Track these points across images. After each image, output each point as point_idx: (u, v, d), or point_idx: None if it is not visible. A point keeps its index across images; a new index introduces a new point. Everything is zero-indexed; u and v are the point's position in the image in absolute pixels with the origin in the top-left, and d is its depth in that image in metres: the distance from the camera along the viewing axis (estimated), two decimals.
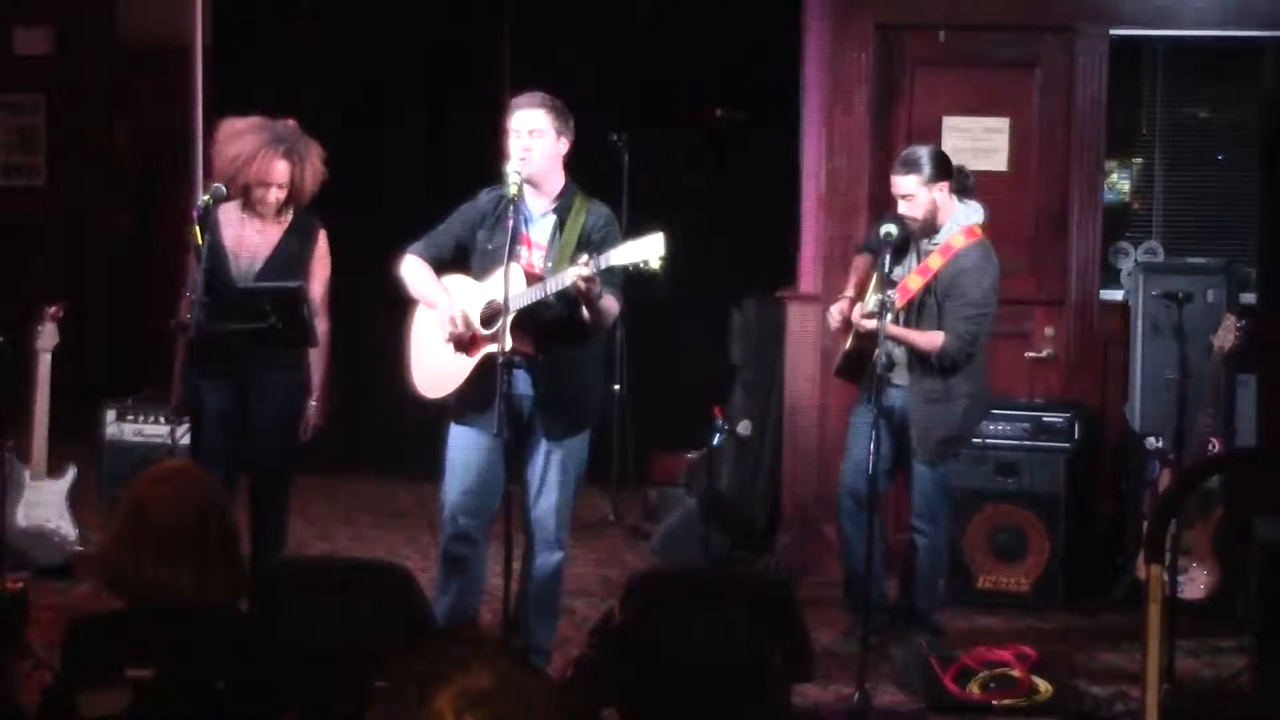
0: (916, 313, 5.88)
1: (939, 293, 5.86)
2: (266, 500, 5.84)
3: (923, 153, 5.98)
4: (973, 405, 6.02)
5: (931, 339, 5.86)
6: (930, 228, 5.94)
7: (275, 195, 5.80)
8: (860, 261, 6.26)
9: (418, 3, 8.91)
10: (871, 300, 5.91)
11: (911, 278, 5.92)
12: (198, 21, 7.93)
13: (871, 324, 5.78)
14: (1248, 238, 7.35)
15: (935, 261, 5.89)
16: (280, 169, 5.77)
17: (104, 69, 10.46)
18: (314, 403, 5.95)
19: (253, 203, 5.80)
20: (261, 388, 5.79)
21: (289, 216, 5.91)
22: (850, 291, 6.14)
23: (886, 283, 5.89)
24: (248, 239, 5.82)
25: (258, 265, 5.83)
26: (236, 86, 7.92)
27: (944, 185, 5.92)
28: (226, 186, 5.74)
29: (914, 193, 5.88)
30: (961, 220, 5.96)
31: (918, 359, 5.90)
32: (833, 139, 7.37)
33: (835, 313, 6.11)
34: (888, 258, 5.89)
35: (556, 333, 5.28)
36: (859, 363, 6.00)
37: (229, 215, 5.81)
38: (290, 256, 5.87)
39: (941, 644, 6.00)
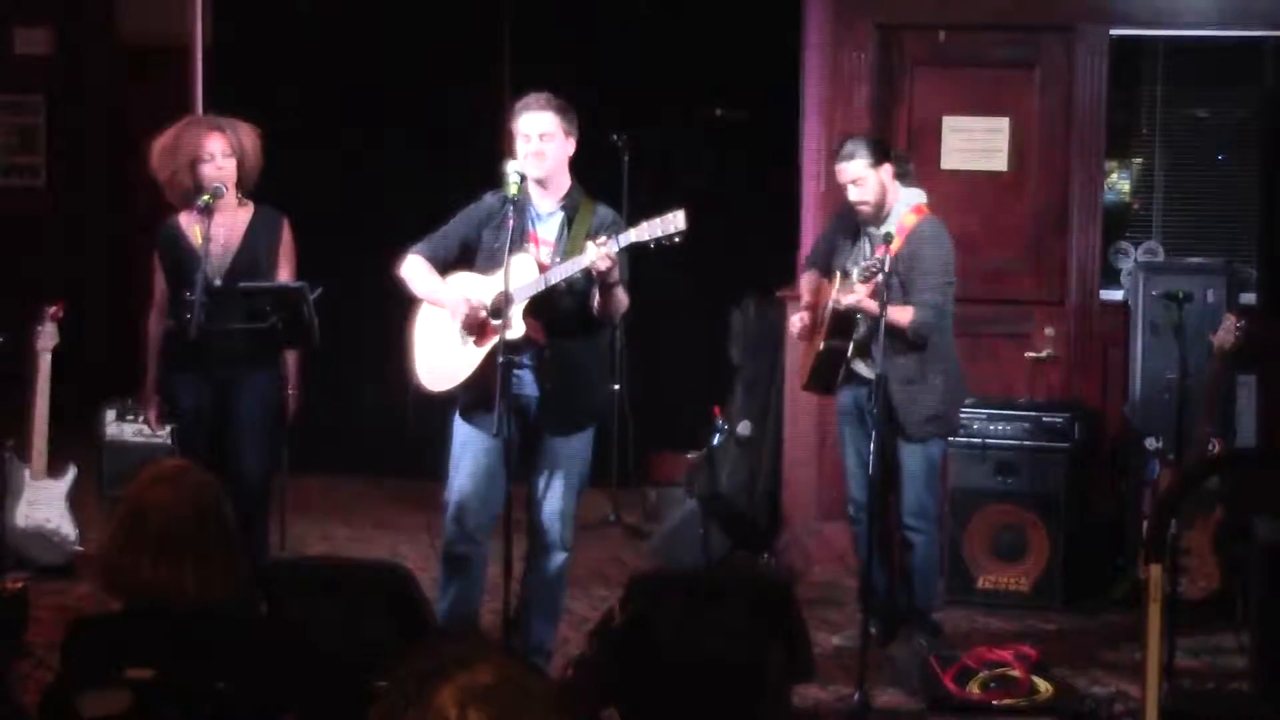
0: (885, 292, 5.81)
1: (900, 270, 5.84)
2: (249, 499, 5.79)
3: (860, 139, 6.06)
4: (949, 384, 6.02)
5: (902, 312, 5.86)
6: (880, 212, 5.95)
7: (223, 167, 5.77)
8: (809, 279, 6.25)
9: (418, 3, 8.91)
10: (855, 272, 5.90)
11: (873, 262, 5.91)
12: (198, 21, 7.93)
13: (853, 297, 5.76)
14: (1248, 238, 7.35)
15: (895, 243, 5.88)
16: (214, 137, 5.78)
17: (104, 69, 10.46)
18: (291, 392, 5.96)
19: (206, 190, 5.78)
20: (244, 386, 5.79)
21: (250, 207, 5.91)
22: (805, 312, 6.14)
23: (876, 275, 5.90)
24: (213, 232, 5.79)
25: (229, 258, 5.82)
26: (236, 86, 7.92)
27: (887, 167, 5.96)
28: (172, 181, 5.76)
29: (863, 175, 5.91)
30: (908, 201, 5.99)
31: (890, 341, 5.85)
32: (833, 139, 7.36)
33: (796, 322, 6.14)
34: (887, 258, 5.85)
35: (567, 322, 5.29)
36: (829, 369, 5.98)
37: (189, 218, 5.79)
38: (259, 247, 5.87)
39: (941, 643, 6.02)
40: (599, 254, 5.03)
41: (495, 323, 5.25)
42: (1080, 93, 7.32)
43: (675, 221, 5.04)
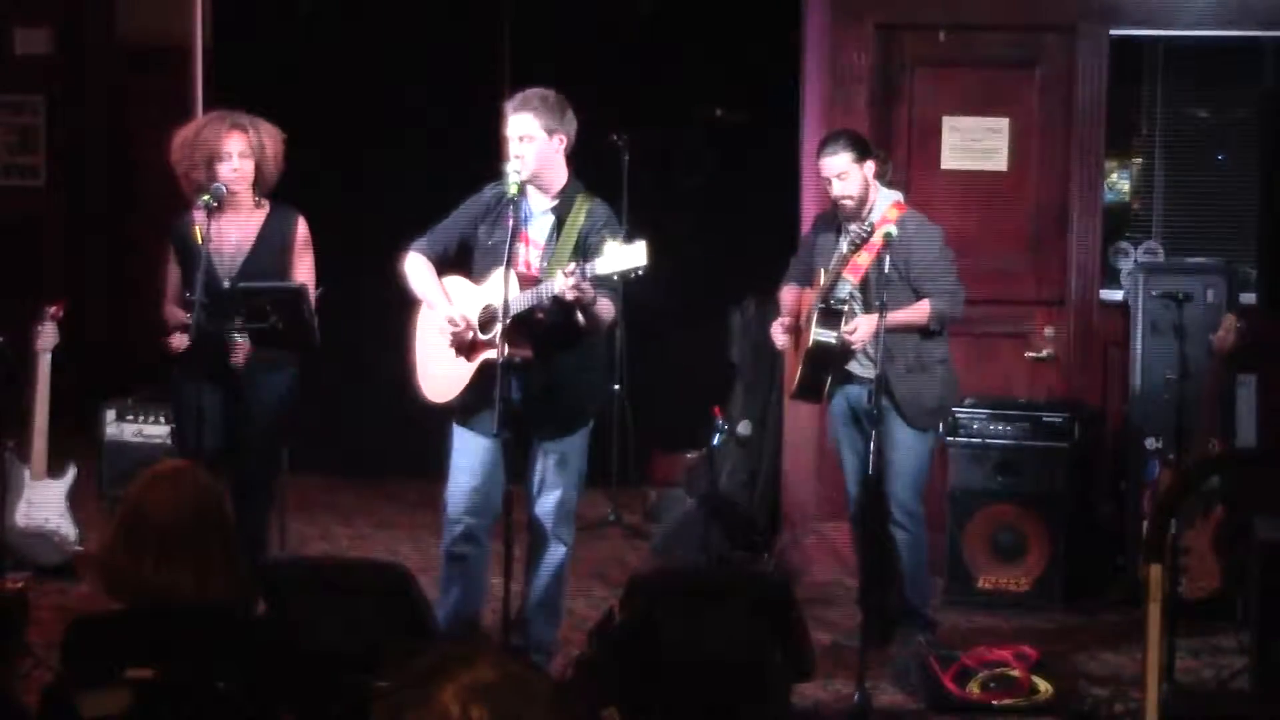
0: (883, 290, 5.77)
1: (898, 264, 5.82)
2: (249, 499, 5.76)
3: (843, 134, 6.06)
4: (948, 375, 6.04)
5: (920, 311, 5.86)
6: (862, 208, 5.94)
7: (239, 168, 5.75)
8: (789, 293, 6.23)
9: (418, 3, 8.91)
10: (844, 245, 5.91)
11: (860, 254, 5.90)
12: (198, 21, 7.94)
13: (868, 328, 5.73)
14: (1248, 238, 7.34)
15: (879, 237, 5.87)
16: (234, 137, 5.74)
17: (104, 69, 10.46)
18: (240, 341, 5.76)
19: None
20: (245, 387, 5.78)
21: (266, 206, 5.89)
22: (787, 319, 6.14)
23: (843, 271, 5.90)
24: (225, 232, 5.79)
25: (241, 258, 5.81)
26: (236, 86, 7.91)
27: (870, 164, 5.96)
28: (188, 175, 5.75)
29: (848, 169, 5.90)
30: (889, 197, 5.99)
31: (899, 333, 5.83)
32: None
33: (778, 330, 6.13)
34: (887, 259, 5.84)
35: (553, 336, 5.29)
36: (818, 370, 5.96)
37: (202, 216, 5.74)
38: (272, 247, 5.85)
39: (938, 638, 6.02)
40: (566, 285, 5.02)
41: (483, 338, 5.28)
42: (1080, 93, 7.32)
43: (637, 256, 4.99)
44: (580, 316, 5.19)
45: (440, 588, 5.49)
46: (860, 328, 5.80)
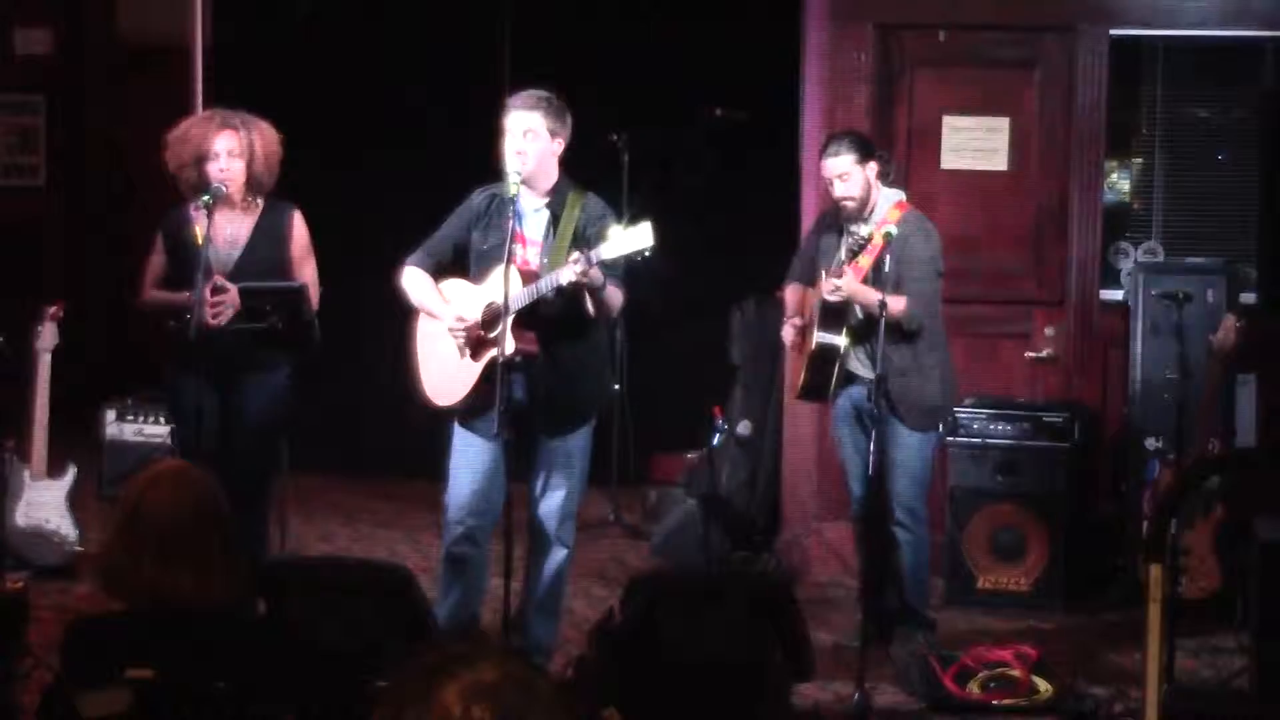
0: (884, 288, 5.79)
1: (893, 263, 5.84)
2: (247, 500, 5.73)
3: (846, 135, 6.09)
4: (946, 375, 6.06)
5: (894, 301, 5.86)
6: (864, 209, 5.96)
7: (227, 168, 5.71)
8: (792, 292, 6.25)
9: (418, 3, 8.91)
10: (842, 251, 5.92)
11: (861, 257, 5.92)
12: (198, 21, 7.94)
13: (851, 285, 5.76)
14: (1248, 238, 7.34)
15: (881, 238, 5.88)
16: (224, 135, 5.71)
17: (104, 69, 10.46)
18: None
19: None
20: (245, 387, 5.77)
21: (260, 207, 5.87)
22: (795, 319, 6.15)
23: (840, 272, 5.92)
24: (220, 228, 5.77)
25: (236, 253, 5.80)
26: (236, 86, 7.91)
27: (873, 165, 5.97)
28: (179, 174, 5.73)
29: (849, 170, 5.92)
30: (890, 198, 6.00)
31: (888, 334, 5.85)
32: None
33: (789, 330, 6.15)
34: (887, 258, 5.85)
35: (559, 328, 5.29)
36: (823, 371, 5.97)
37: (201, 216, 5.71)
38: (268, 241, 5.83)
39: (936, 639, 6.02)
40: (573, 273, 5.03)
41: (488, 337, 5.28)
42: (1080, 93, 7.31)
43: (644, 237, 5.01)
44: (590, 304, 5.19)
45: (440, 588, 5.49)
46: (844, 280, 5.81)
